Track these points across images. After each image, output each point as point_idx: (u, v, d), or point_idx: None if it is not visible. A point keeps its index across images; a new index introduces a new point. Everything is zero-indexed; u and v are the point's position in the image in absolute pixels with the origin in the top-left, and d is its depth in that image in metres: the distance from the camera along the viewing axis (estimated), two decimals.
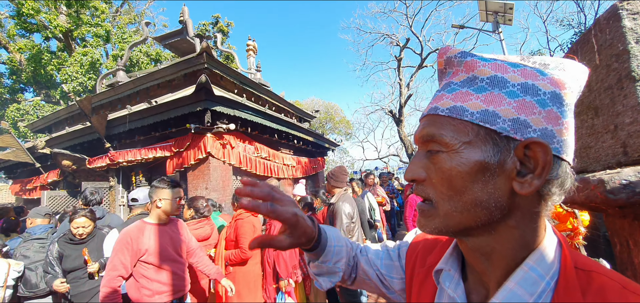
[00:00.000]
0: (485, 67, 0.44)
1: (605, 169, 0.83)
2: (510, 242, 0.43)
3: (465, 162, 0.42)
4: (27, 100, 15.12)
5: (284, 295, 2.93)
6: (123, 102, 6.33)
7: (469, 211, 0.43)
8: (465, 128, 0.43)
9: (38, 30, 14.07)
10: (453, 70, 0.48)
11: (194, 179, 5.14)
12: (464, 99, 0.44)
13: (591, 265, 0.43)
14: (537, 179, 0.40)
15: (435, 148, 0.45)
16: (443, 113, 0.45)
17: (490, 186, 0.42)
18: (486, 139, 0.42)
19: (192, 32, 7.24)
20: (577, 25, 12.98)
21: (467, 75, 0.45)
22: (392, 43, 15.78)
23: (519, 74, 0.42)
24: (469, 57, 0.46)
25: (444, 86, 0.48)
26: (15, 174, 8.25)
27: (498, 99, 0.42)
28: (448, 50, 0.49)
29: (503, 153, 0.41)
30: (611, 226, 0.91)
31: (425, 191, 0.47)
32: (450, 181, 0.43)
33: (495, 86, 0.43)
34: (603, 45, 0.75)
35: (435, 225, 0.46)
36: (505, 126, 0.41)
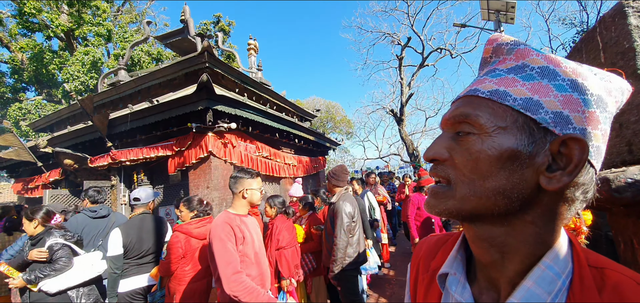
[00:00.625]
0: (538, 57, 0.43)
1: (609, 167, 0.82)
2: (526, 237, 0.43)
3: (496, 147, 0.41)
4: (29, 99, 15.17)
5: (285, 295, 2.94)
6: (124, 101, 6.34)
7: (488, 198, 0.41)
8: (504, 112, 0.41)
9: (40, 30, 14.11)
10: (500, 58, 0.47)
11: (195, 179, 5.14)
12: (509, 84, 0.43)
13: (604, 262, 0.43)
14: (567, 176, 0.39)
15: (466, 128, 0.44)
16: (483, 95, 0.43)
17: (517, 175, 0.41)
18: (523, 128, 0.41)
19: (193, 31, 7.24)
20: (580, 24, 12.94)
21: (517, 63, 0.44)
22: (394, 42, 15.76)
23: (570, 70, 0.42)
24: (522, 46, 0.45)
25: (488, 72, 0.47)
26: (17, 173, 8.28)
27: (545, 90, 0.41)
28: (499, 37, 0.48)
29: (538, 144, 0.40)
30: (615, 225, 0.90)
31: (445, 171, 0.45)
32: (476, 164, 0.42)
33: (544, 76, 0.42)
34: (608, 43, 0.74)
35: (447, 206, 0.44)
36: (547, 118, 0.40)
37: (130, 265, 2.68)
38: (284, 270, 2.91)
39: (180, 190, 5.52)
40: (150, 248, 2.77)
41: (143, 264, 2.74)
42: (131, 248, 2.64)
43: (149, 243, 2.76)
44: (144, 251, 2.73)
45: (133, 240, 2.65)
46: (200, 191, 5.04)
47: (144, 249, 2.73)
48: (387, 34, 15.82)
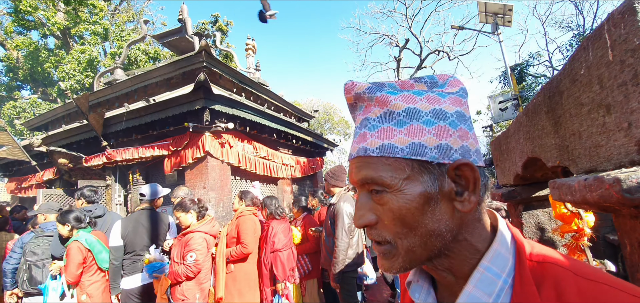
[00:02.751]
0: (397, 101, 0.45)
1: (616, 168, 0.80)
2: (464, 254, 0.45)
3: (410, 197, 0.43)
4: (23, 98, 15.01)
5: (281, 298, 2.90)
6: (121, 100, 6.28)
7: (426, 244, 0.44)
8: (399, 164, 0.43)
9: (35, 28, 14.00)
10: (364, 104, 0.49)
11: (192, 179, 5.10)
12: (389, 136, 0.44)
13: (544, 256, 0.43)
14: (474, 195, 0.43)
15: (377, 188, 0.45)
16: (374, 154, 0.45)
17: (438, 213, 0.43)
18: (421, 171, 0.43)
19: (191, 30, 7.20)
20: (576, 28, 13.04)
21: (382, 110, 0.46)
22: (392, 44, 15.81)
23: (426, 101, 0.45)
24: (378, 92, 0.46)
25: (363, 123, 0.48)
26: (11, 172, 8.17)
27: (419, 130, 0.43)
28: (354, 86, 0.49)
29: (439, 179, 0.43)
30: (622, 227, 0.88)
31: (380, 234, 0.46)
32: (403, 220, 0.43)
33: (412, 117, 0.44)
34: (617, 40, 0.72)
35: (400, 264, 0.45)
36: (433, 154, 0.43)
37: (125, 261, 2.72)
38: (279, 273, 2.88)
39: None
40: (146, 243, 2.80)
41: (139, 261, 2.74)
42: (128, 241, 2.72)
43: (144, 238, 2.80)
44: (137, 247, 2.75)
45: (130, 233, 2.74)
46: (196, 191, 4.99)
47: (138, 244, 2.76)
48: (386, 36, 15.86)
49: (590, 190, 0.75)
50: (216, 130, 5.00)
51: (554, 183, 1.04)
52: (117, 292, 2.66)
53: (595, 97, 0.85)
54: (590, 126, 0.89)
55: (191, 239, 2.52)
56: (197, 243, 2.53)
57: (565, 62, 1.00)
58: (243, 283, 2.90)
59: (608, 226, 2.69)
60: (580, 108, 0.93)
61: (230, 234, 2.99)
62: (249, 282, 2.94)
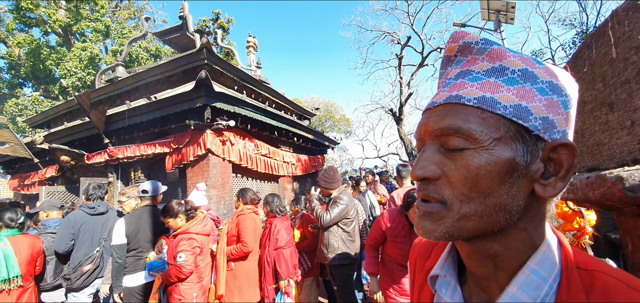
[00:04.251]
0: (515, 59, 0.40)
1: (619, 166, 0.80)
2: (518, 245, 0.41)
3: (496, 160, 0.38)
4: (25, 95, 15.05)
5: (283, 296, 2.91)
6: (122, 97, 6.29)
7: (490, 215, 0.39)
8: (496, 122, 0.39)
9: (37, 25, 14.01)
10: (468, 58, 0.44)
11: (193, 176, 5.11)
12: (495, 90, 0.40)
13: (594, 264, 0.41)
14: (562, 182, 0.39)
15: (458, 143, 0.40)
16: (470, 103, 0.40)
17: (515, 188, 0.39)
18: (516, 137, 0.39)
19: (192, 28, 7.19)
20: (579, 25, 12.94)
21: (493, 64, 0.41)
22: (393, 41, 15.73)
23: (544, 72, 0.40)
24: (495, 45, 0.42)
25: (460, 74, 0.43)
26: (14, 170, 8.21)
27: (530, 95, 0.39)
28: (466, 35, 0.44)
29: (531, 153, 0.39)
30: (623, 225, 0.88)
31: (439, 191, 0.41)
32: (476, 182, 0.39)
33: (527, 79, 0.40)
34: (621, 37, 0.72)
35: (446, 229, 0.41)
36: (537, 124, 0.39)
37: (128, 259, 2.72)
38: (282, 271, 2.89)
39: (178, 187, 5.48)
40: (149, 239, 2.82)
41: (142, 259, 2.75)
42: (132, 238, 2.73)
43: (148, 234, 2.82)
44: (141, 245, 2.76)
45: (134, 230, 2.75)
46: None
47: (142, 241, 2.77)
48: (387, 33, 15.79)
49: (593, 188, 0.75)
50: (217, 128, 5.00)
51: None
52: (120, 290, 2.66)
53: (598, 95, 0.85)
54: (592, 124, 0.89)
55: (181, 240, 2.52)
56: (186, 243, 2.51)
57: (568, 60, 0.99)
58: (243, 280, 2.91)
59: (609, 225, 2.68)
60: (583, 106, 0.93)
61: (231, 232, 2.99)
62: (249, 279, 2.95)
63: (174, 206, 2.62)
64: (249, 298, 2.89)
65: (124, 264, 2.69)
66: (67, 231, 2.86)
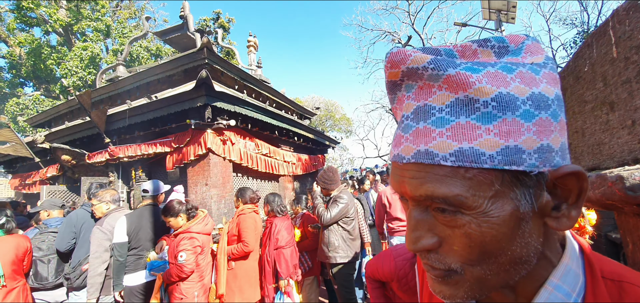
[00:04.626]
0: (483, 83, 0.31)
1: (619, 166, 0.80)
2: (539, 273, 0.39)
3: (497, 221, 0.32)
4: (26, 94, 15.08)
5: (283, 295, 2.91)
6: (123, 97, 6.30)
7: (507, 271, 0.35)
8: (485, 177, 0.32)
9: (38, 24, 14.03)
10: (418, 84, 0.36)
11: (194, 176, 5.11)
12: (471, 136, 0.32)
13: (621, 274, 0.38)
14: (575, 210, 0.34)
15: (449, 209, 0.34)
16: (447, 163, 0.32)
17: (527, 236, 0.34)
18: (513, 184, 0.32)
19: (192, 27, 7.19)
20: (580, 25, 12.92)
21: (456, 95, 0.33)
22: (394, 41, 15.73)
23: (520, 81, 0.32)
24: (450, 69, 0.33)
25: (419, 112, 0.35)
26: (15, 169, 8.23)
27: (515, 128, 0.31)
28: (407, 57, 0.35)
29: (535, 193, 0.33)
30: (624, 225, 0.88)
31: (443, 261, 0.36)
32: (482, 248, 0.33)
33: (505, 108, 0.31)
34: (622, 37, 0.72)
35: (465, 293, 0.36)
36: (533, 162, 0.32)
37: (129, 257, 2.73)
38: (282, 270, 2.89)
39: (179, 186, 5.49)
40: (151, 238, 2.83)
41: (143, 258, 2.76)
42: (134, 237, 2.74)
43: (149, 233, 2.83)
44: (142, 244, 2.77)
45: (135, 229, 2.76)
46: (198, 188, 5.01)
47: (143, 240, 2.78)
48: (388, 33, 15.79)
49: (593, 187, 0.75)
50: (218, 127, 5.01)
51: None
52: (120, 289, 2.67)
53: (598, 95, 0.85)
54: (593, 123, 0.89)
55: (182, 239, 2.52)
56: (187, 243, 2.52)
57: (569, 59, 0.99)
58: (243, 280, 2.92)
59: (610, 225, 2.68)
60: (584, 106, 0.93)
61: (231, 232, 3.00)
62: (249, 278, 2.96)
63: (175, 206, 2.63)
64: (249, 298, 2.90)
65: (125, 263, 2.70)
66: (68, 230, 2.87)
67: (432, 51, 0.36)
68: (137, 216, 2.84)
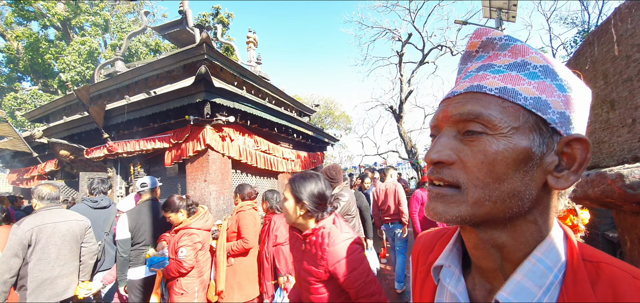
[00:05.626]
0: (537, 55, 0.42)
1: (619, 164, 0.80)
2: (526, 236, 0.42)
3: (513, 148, 0.39)
4: (24, 89, 14.97)
5: (282, 292, 2.92)
6: (121, 92, 6.26)
7: (503, 201, 0.40)
8: (516, 111, 0.40)
9: (36, 18, 13.91)
10: (490, 53, 0.46)
11: (193, 172, 5.10)
12: (516, 82, 0.41)
13: (599, 256, 0.42)
14: (574, 176, 0.41)
15: (477, 128, 0.41)
16: (491, 92, 0.41)
17: (529, 177, 0.40)
18: (534, 128, 0.40)
19: (191, 22, 7.15)
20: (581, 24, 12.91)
21: (515, 59, 0.43)
22: (394, 38, 15.68)
23: (563, 70, 0.42)
24: (518, 42, 0.44)
25: (483, 67, 0.45)
26: (12, 164, 8.19)
27: (550, 89, 0.41)
28: (488, 31, 0.46)
29: (547, 145, 0.41)
30: (622, 222, 0.88)
31: (453, 175, 0.42)
32: (492, 166, 0.39)
33: (547, 75, 0.41)
34: (623, 35, 0.72)
35: (459, 212, 0.41)
36: (554, 118, 0.40)
37: (132, 252, 2.75)
38: (281, 267, 2.90)
39: (177, 183, 5.48)
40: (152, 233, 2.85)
41: (144, 253, 2.77)
42: (136, 233, 2.76)
43: (151, 228, 2.85)
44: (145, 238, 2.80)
45: (138, 224, 2.78)
46: (197, 184, 5.01)
47: (145, 235, 2.80)
48: (388, 30, 15.73)
49: (592, 185, 0.75)
50: (217, 123, 4.99)
51: None
52: (125, 284, 2.70)
53: (599, 93, 0.85)
54: (593, 122, 0.89)
55: (185, 235, 2.52)
56: (188, 239, 2.53)
57: (570, 57, 0.99)
58: (243, 276, 2.92)
59: (607, 224, 2.69)
60: None
61: (231, 229, 3.00)
62: (248, 274, 2.96)
63: (175, 201, 2.63)
64: (248, 294, 2.91)
65: (129, 258, 2.72)
66: None
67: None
68: (138, 212, 2.85)
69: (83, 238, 2.54)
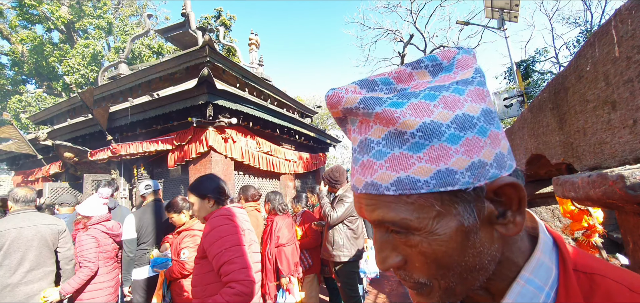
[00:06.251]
0: (407, 117, 0.35)
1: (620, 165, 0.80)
2: (505, 271, 0.40)
3: (445, 237, 0.35)
4: (29, 92, 15.13)
5: (284, 293, 2.93)
6: (125, 95, 6.32)
7: (467, 279, 0.38)
8: (425, 201, 0.35)
9: (40, 22, 14.06)
10: (359, 119, 0.39)
11: (196, 173, 5.13)
12: (405, 165, 0.35)
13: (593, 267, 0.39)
14: (519, 215, 0.37)
15: (400, 230, 0.38)
16: (389, 192, 0.36)
17: (478, 245, 0.37)
18: (453, 202, 0.35)
19: (194, 25, 7.20)
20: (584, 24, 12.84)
21: (387, 129, 0.36)
22: (396, 39, 15.68)
23: (443, 107, 0.35)
24: (376, 107, 0.36)
25: (363, 146, 0.39)
26: (18, 166, 8.27)
27: (443, 152, 0.34)
28: (341, 99, 0.39)
29: (476, 206, 0.36)
30: (625, 224, 0.88)
31: (411, 276, 0.39)
32: (437, 262, 0.37)
33: (431, 136, 0.34)
34: (624, 36, 0.72)
35: (440, 299, 0.40)
36: (466, 180, 0.34)
37: (137, 252, 2.79)
38: (283, 268, 2.91)
39: (180, 184, 5.51)
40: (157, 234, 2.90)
41: (149, 253, 2.80)
42: (142, 233, 2.80)
43: (155, 229, 2.90)
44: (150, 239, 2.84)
45: (144, 224, 2.83)
46: None
47: (151, 235, 2.85)
48: (390, 31, 15.74)
49: (594, 186, 0.75)
50: (219, 125, 5.02)
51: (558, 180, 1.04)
52: (129, 284, 2.74)
53: (600, 94, 0.85)
54: (595, 122, 0.89)
55: (185, 237, 2.54)
56: (190, 240, 2.54)
57: (572, 59, 0.99)
58: None
59: (612, 224, 2.68)
60: (586, 105, 0.93)
61: None
62: None
63: (179, 202, 2.66)
64: None
65: (135, 258, 2.76)
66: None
67: (368, 84, 0.40)
68: (144, 212, 2.90)
69: (57, 243, 2.40)
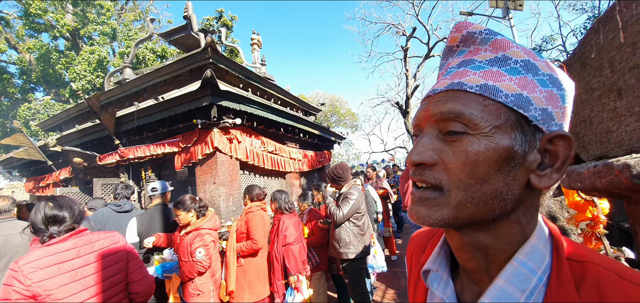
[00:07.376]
0: (518, 50, 0.41)
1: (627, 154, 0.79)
2: (510, 237, 0.41)
3: (494, 147, 0.38)
4: (37, 99, 15.41)
5: (293, 291, 2.95)
6: (131, 99, 6.39)
7: (485, 203, 0.39)
8: (497, 110, 0.39)
9: (46, 30, 14.29)
10: (471, 48, 0.44)
11: (202, 174, 5.18)
12: (497, 78, 0.40)
13: (585, 255, 0.41)
14: (557, 174, 0.40)
15: (458, 128, 0.40)
16: (472, 90, 0.40)
17: (511, 176, 0.39)
18: (516, 126, 0.39)
19: (196, 27, 7.23)
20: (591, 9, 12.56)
21: (496, 54, 0.41)
22: (398, 33, 15.55)
23: (545, 65, 0.41)
24: (499, 36, 0.42)
25: (464, 63, 0.43)
26: (29, 172, 8.45)
27: (531, 85, 0.39)
28: (468, 25, 0.44)
29: (529, 143, 0.40)
30: (633, 213, 0.87)
31: (435, 176, 0.41)
32: (474, 168, 0.38)
33: (528, 70, 0.40)
34: (629, 21, 0.71)
35: (442, 216, 0.40)
36: (536, 115, 0.39)
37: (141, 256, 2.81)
38: (291, 267, 2.92)
39: (188, 186, 5.57)
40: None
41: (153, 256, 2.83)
42: (143, 237, 2.83)
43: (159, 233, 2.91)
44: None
45: (146, 228, 2.85)
46: (206, 186, 5.08)
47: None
48: (392, 25, 15.59)
49: (600, 176, 0.74)
50: (224, 126, 5.05)
51: None
52: None
53: (606, 82, 0.83)
54: (601, 111, 0.87)
55: (198, 236, 2.57)
56: (201, 240, 2.58)
57: (576, 46, 0.97)
58: (253, 276, 2.96)
59: (623, 214, 2.63)
60: (591, 93, 0.91)
61: (240, 229, 3.04)
62: (258, 274, 3.00)
63: (188, 201, 2.69)
64: (258, 294, 2.95)
65: None
66: (94, 227, 2.98)
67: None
68: (148, 216, 2.92)
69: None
